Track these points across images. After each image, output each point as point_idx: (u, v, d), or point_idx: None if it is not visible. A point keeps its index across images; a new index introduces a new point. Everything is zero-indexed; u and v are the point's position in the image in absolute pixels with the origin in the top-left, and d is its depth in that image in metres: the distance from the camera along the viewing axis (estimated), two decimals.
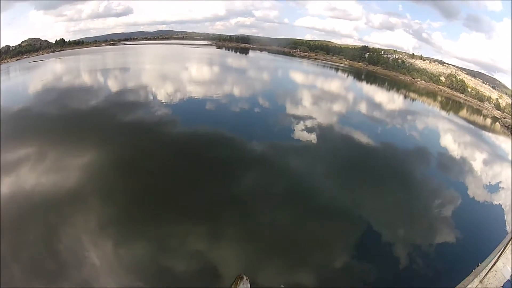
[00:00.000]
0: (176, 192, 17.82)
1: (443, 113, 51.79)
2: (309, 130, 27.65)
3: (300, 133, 26.92)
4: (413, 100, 57.46)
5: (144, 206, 16.63)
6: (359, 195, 19.61)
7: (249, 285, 7.74)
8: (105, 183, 17.76)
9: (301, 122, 29.43)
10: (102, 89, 34.16)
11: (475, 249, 16.79)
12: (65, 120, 24.84)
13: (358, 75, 70.55)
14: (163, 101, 31.30)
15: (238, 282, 7.71)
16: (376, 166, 23.60)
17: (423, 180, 23.64)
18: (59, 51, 69.40)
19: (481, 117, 55.84)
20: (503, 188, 25.48)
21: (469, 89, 65.48)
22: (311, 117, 31.13)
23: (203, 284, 13.17)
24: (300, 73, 61.79)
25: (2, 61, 53.28)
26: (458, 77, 68.09)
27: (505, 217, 21.06)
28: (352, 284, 14.10)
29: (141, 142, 22.17)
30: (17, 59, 57.34)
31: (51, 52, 67.61)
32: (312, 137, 26.43)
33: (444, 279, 14.51)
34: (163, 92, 34.42)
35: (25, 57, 60.25)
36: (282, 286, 12.85)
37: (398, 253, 15.93)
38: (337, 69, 72.41)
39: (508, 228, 19.52)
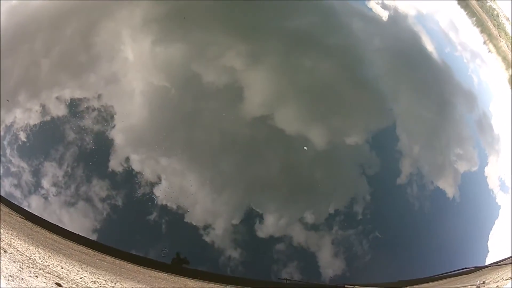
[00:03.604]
0: (227, 3, 16.32)
1: (507, 86, 45.71)
2: (384, 6, 24.11)
3: (375, 5, 23.57)
4: (490, 51, 49.96)
5: (195, 10, 15.28)
6: (400, 89, 18.18)
7: None
8: None
9: None
10: None
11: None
12: None
13: None
14: None
15: None
16: (427, 77, 21.23)
17: (459, 120, 21.27)
18: None
19: None
20: None
21: None
22: None
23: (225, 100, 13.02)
24: None
25: None
26: None
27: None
28: (350, 161, 13.70)
29: None
30: None
31: None
32: (384, 15, 23.34)
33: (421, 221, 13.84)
34: None
35: None
36: (305, 148, 12.62)
37: (403, 166, 15.03)
38: None
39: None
